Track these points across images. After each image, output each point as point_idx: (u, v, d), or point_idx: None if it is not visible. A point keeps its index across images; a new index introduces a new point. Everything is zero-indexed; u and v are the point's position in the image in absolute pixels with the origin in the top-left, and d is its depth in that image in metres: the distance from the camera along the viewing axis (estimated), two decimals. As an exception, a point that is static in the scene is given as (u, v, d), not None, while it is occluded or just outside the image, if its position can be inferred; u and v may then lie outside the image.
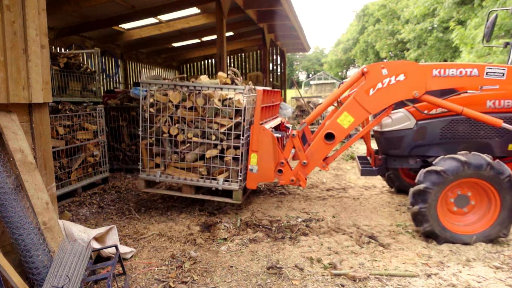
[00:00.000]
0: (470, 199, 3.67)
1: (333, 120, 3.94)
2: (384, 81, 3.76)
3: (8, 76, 2.71)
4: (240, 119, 4.31)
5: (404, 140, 4.16)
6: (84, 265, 2.63)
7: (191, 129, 4.43)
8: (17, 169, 2.69)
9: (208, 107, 4.34)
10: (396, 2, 31.73)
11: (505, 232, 3.56)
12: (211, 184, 4.44)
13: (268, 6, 10.51)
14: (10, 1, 2.72)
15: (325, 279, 3.03)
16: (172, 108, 4.47)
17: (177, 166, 4.55)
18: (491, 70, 3.69)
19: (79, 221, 4.47)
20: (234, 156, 4.38)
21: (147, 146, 4.58)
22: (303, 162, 4.09)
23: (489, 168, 3.44)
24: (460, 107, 3.75)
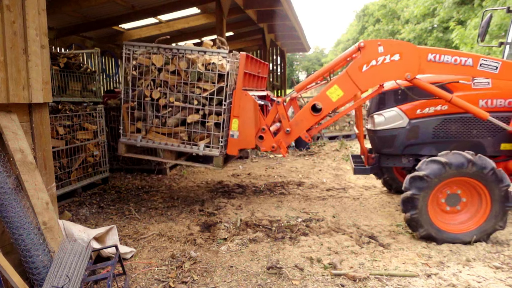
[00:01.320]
0: (461, 197, 3.69)
1: (323, 91, 3.93)
2: (378, 59, 3.76)
3: (8, 76, 2.71)
4: (223, 84, 4.24)
5: (397, 139, 4.18)
6: (84, 265, 2.63)
7: (173, 93, 4.37)
8: (17, 169, 2.69)
9: (191, 70, 4.28)
10: (396, 2, 31.72)
11: (501, 224, 3.57)
12: (192, 150, 4.39)
13: (268, 6, 10.50)
14: (10, 1, 2.72)
15: (325, 279, 3.03)
16: (155, 71, 4.40)
17: (159, 131, 4.49)
18: (485, 62, 3.69)
19: (79, 221, 4.47)
20: (216, 122, 4.32)
21: (128, 109, 4.50)
22: (286, 130, 4.07)
23: (471, 165, 3.46)
24: (449, 95, 3.76)
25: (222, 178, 6.78)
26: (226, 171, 7.41)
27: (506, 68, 3.69)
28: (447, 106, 4.01)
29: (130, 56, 4.45)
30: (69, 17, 9.36)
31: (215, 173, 7.24)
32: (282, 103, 4.11)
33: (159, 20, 11.34)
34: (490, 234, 3.60)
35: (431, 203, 3.62)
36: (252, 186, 6.13)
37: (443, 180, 3.54)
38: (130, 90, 4.47)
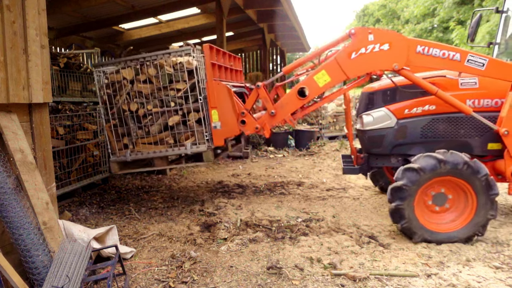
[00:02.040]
0: (448, 197, 3.70)
1: (310, 76, 3.94)
2: (368, 47, 3.76)
3: (8, 76, 2.71)
4: (195, 80, 4.28)
5: (385, 139, 4.19)
6: (84, 265, 2.63)
7: (149, 101, 4.42)
8: (17, 169, 2.69)
9: (161, 75, 4.32)
10: (396, 2, 31.73)
11: (481, 231, 3.60)
12: (180, 151, 4.42)
13: (268, 6, 10.50)
14: (10, 1, 2.72)
15: (325, 279, 3.03)
16: (127, 85, 4.45)
17: (145, 142, 4.53)
18: (473, 58, 3.69)
19: (79, 221, 4.47)
20: (198, 120, 4.36)
21: (111, 128, 4.54)
22: (271, 112, 4.07)
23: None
24: (435, 88, 3.77)
25: (222, 178, 6.79)
26: (226, 171, 7.41)
27: (493, 65, 3.69)
28: (434, 106, 4.03)
29: (101, 77, 4.55)
30: (69, 17, 9.36)
31: (215, 173, 7.24)
32: (262, 86, 4.10)
33: (159, 20, 11.34)
34: (469, 239, 3.62)
35: (419, 197, 3.63)
36: (252, 186, 6.13)
37: (436, 177, 3.56)
38: (108, 109, 4.54)
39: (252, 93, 4.21)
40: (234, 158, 8.77)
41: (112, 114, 4.53)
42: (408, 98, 4.13)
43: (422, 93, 4.07)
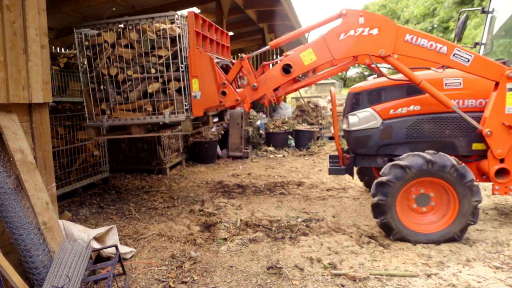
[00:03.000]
0: (431, 199, 3.70)
1: (296, 53, 3.91)
2: (357, 30, 3.73)
3: (8, 76, 2.71)
4: (177, 48, 4.20)
5: (371, 139, 4.19)
6: (84, 265, 2.63)
7: (130, 66, 4.34)
8: (17, 169, 2.69)
9: (143, 40, 4.26)
10: (396, 2, 31.73)
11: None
12: (158, 119, 4.36)
13: (268, 6, 10.51)
14: (10, 1, 2.72)
15: (325, 279, 3.03)
16: (108, 48, 4.37)
17: (123, 108, 4.46)
18: (459, 53, 3.68)
19: (79, 221, 4.47)
20: (178, 89, 4.30)
21: (89, 92, 4.47)
22: (253, 85, 4.01)
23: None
24: (419, 78, 3.77)
25: (222, 178, 6.79)
26: (226, 171, 7.41)
27: (478, 62, 3.68)
28: (419, 106, 4.03)
29: (82, 39, 4.44)
30: (69, 17, 9.36)
31: (215, 173, 7.24)
32: (246, 59, 4.05)
33: (159, 20, 11.34)
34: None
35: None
36: (252, 186, 6.13)
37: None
38: (88, 72, 4.45)
39: (235, 65, 4.12)
40: (234, 158, 8.77)
41: (91, 78, 4.45)
42: (393, 98, 4.14)
43: (407, 93, 4.09)
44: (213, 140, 8.21)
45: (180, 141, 7.85)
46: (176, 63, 4.22)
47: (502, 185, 3.78)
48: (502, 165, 3.73)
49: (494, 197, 5.20)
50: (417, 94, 4.05)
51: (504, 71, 3.63)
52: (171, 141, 7.37)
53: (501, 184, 3.77)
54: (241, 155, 8.78)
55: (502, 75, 3.64)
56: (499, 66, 3.70)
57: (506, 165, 3.72)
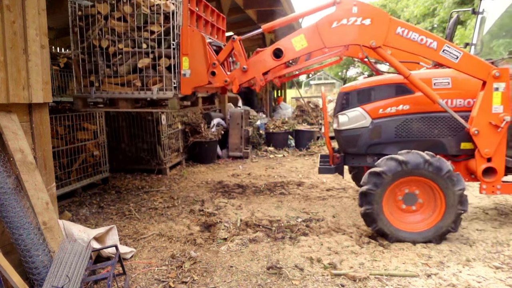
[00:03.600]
0: (418, 197, 3.72)
1: (288, 37, 3.91)
2: (350, 19, 3.73)
3: (8, 76, 2.71)
4: (170, 25, 4.20)
5: (360, 139, 4.20)
6: (84, 265, 2.63)
7: (121, 39, 4.35)
8: (17, 169, 2.69)
9: (137, 14, 4.26)
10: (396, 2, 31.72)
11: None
12: (146, 95, 4.36)
13: (268, 6, 10.51)
14: (10, 1, 2.72)
15: (325, 279, 3.03)
16: (101, 20, 4.38)
17: (112, 81, 4.46)
18: (449, 49, 3.69)
19: (79, 221, 4.47)
20: (168, 67, 4.30)
21: (79, 62, 4.47)
22: (243, 68, 3.99)
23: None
24: (408, 71, 3.78)
25: (222, 178, 6.79)
26: (226, 171, 7.41)
27: (466, 60, 3.69)
28: (408, 106, 4.04)
29: (75, 9, 4.45)
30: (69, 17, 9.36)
31: (215, 173, 7.24)
32: (238, 40, 4.05)
33: (159, 20, 11.33)
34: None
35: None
36: (252, 186, 6.13)
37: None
38: (79, 43, 4.45)
39: (227, 46, 4.11)
40: (234, 158, 8.77)
41: (81, 49, 4.45)
42: (383, 98, 4.15)
43: (396, 93, 4.11)
44: (213, 140, 8.21)
45: (180, 141, 7.85)
46: (168, 40, 4.22)
47: (489, 184, 3.80)
48: (490, 164, 3.75)
49: (494, 197, 5.20)
50: (406, 93, 4.07)
51: (491, 71, 3.65)
52: (171, 141, 7.37)
53: (488, 183, 3.79)
54: (241, 155, 8.78)
55: (489, 75, 3.66)
56: (486, 65, 3.72)
57: (493, 164, 3.74)
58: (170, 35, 4.19)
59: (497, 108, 3.66)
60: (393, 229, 3.66)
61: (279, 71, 4.27)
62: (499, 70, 3.64)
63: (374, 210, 3.61)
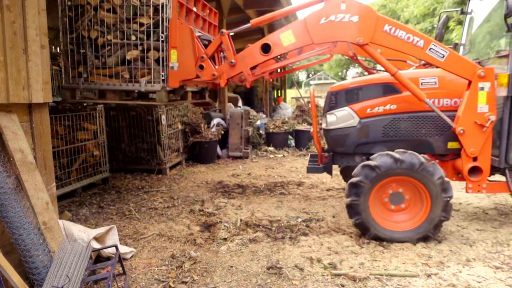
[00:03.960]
0: (404, 197, 3.74)
1: (277, 32, 3.92)
2: (338, 16, 3.75)
3: (8, 76, 2.71)
4: (159, 17, 4.23)
5: (348, 138, 4.21)
6: (84, 265, 2.63)
7: (110, 31, 4.37)
8: (17, 169, 2.69)
9: (126, 5, 4.28)
10: (396, 2, 31.71)
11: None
12: (134, 87, 4.39)
13: (268, 6, 10.50)
14: (10, 1, 2.72)
15: (325, 279, 3.03)
16: (91, 10, 4.40)
17: (100, 73, 4.48)
18: (435, 48, 3.70)
19: (79, 221, 4.47)
20: (157, 59, 4.32)
21: (67, 53, 4.48)
22: (230, 62, 4.01)
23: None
24: (394, 68, 3.80)
25: (222, 178, 6.79)
26: (226, 171, 7.41)
27: (452, 59, 3.70)
28: (396, 105, 4.05)
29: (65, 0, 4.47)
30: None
31: (215, 173, 7.24)
32: (226, 34, 4.05)
33: (159, 20, 11.33)
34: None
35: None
36: (252, 186, 6.13)
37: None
38: (68, 33, 4.46)
39: (215, 40, 4.12)
40: (234, 158, 8.77)
41: (70, 39, 4.46)
42: (370, 97, 4.16)
43: (384, 92, 4.12)
44: (213, 140, 8.21)
45: (180, 141, 7.85)
46: (158, 32, 4.24)
47: (475, 183, 3.82)
48: (475, 163, 3.76)
49: (494, 197, 5.20)
50: (393, 93, 4.09)
51: (476, 70, 3.66)
52: (171, 141, 7.37)
53: (474, 182, 3.81)
54: (241, 155, 8.78)
55: (474, 74, 3.67)
56: (472, 65, 3.73)
57: (479, 163, 3.76)
58: (159, 28, 4.21)
59: (483, 107, 3.68)
60: (377, 226, 3.68)
61: (268, 66, 4.26)
62: (484, 69, 3.66)
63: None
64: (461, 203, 5.04)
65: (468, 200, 5.14)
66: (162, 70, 4.27)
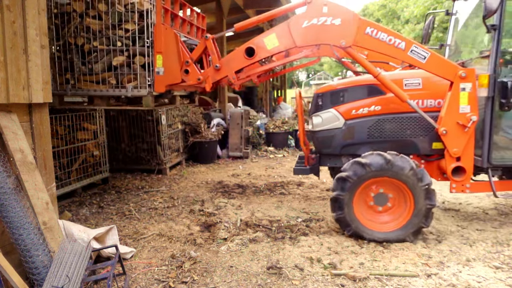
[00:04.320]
0: (389, 199, 3.76)
1: (260, 36, 3.95)
2: (320, 19, 3.76)
3: (8, 76, 2.71)
4: (144, 23, 4.27)
5: (334, 139, 4.24)
6: (84, 265, 2.63)
7: (96, 37, 4.44)
8: (17, 169, 2.69)
9: (111, 12, 4.34)
10: (396, 2, 31.71)
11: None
12: (121, 93, 4.46)
13: (268, 6, 10.50)
14: (10, 1, 2.72)
15: (325, 279, 3.03)
16: (77, 18, 4.46)
17: (87, 79, 4.54)
18: (416, 49, 3.72)
19: (79, 221, 4.47)
20: (143, 65, 4.37)
21: (55, 60, 4.53)
22: (215, 66, 4.03)
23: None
24: (377, 70, 3.83)
25: (222, 178, 6.79)
26: (226, 171, 7.41)
27: (433, 60, 3.72)
28: (380, 106, 4.07)
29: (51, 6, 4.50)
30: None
31: (215, 173, 7.24)
32: (211, 38, 4.07)
33: (159, 20, 11.34)
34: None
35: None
36: (252, 186, 6.14)
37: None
38: (55, 40, 4.52)
39: (199, 44, 4.14)
40: (234, 158, 8.77)
41: (57, 46, 4.52)
42: (355, 99, 4.18)
43: (368, 94, 4.14)
44: (213, 140, 8.21)
45: (180, 141, 7.85)
46: (143, 38, 4.29)
47: (459, 183, 3.85)
48: (459, 163, 3.78)
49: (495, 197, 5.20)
50: (378, 94, 4.10)
51: (457, 71, 3.68)
52: (171, 141, 7.37)
53: (458, 182, 3.84)
54: (241, 155, 8.78)
55: (455, 75, 3.68)
56: (453, 66, 3.75)
57: (462, 163, 3.77)
58: (145, 33, 4.26)
59: (464, 108, 3.70)
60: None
61: (253, 70, 4.27)
62: (465, 70, 3.68)
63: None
64: (461, 203, 5.05)
65: (468, 200, 5.14)
66: (148, 75, 4.32)
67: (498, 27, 3.62)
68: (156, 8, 4.15)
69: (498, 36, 3.64)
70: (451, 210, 4.77)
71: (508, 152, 3.87)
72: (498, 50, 3.65)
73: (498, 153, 3.84)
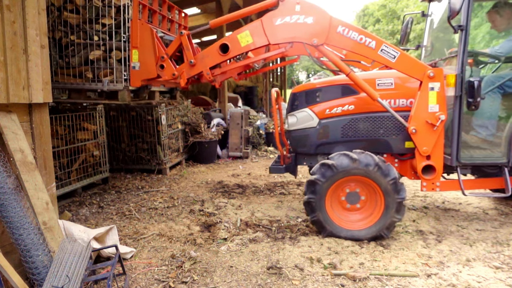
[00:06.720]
0: (360, 197, 3.79)
1: (234, 33, 3.95)
2: (293, 17, 3.78)
3: (8, 76, 2.71)
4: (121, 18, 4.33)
5: (309, 139, 4.26)
6: (84, 265, 2.63)
7: (74, 31, 4.50)
8: (17, 169, 2.69)
9: (89, 6, 4.38)
10: (396, 2, 31.73)
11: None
12: (97, 87, 4.50)
13: (267, 6, 10.51)
14: (10, 1, 2.72)
15: (325, 279, 3.03)
16: (54, 11, 4.51)
17: (64, 72, 4.61)
18: (386, 49, 3.74)
19: (79, 221, 4.47)
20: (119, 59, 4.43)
21: None
22: (190, 61, 4.04)
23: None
24: (348, 69, 3.86)
25: (222, 178, 6.79)
26: (226, 171, 7.41)
27: (403, 60, 3.74)
28: (353, 106, 4.10)
29: None
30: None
31: (215, 173, 7.24)
32: (186, 34, 4.09)
33: (159, 20, 11.34)
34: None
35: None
36: (252, 186, 6.14)
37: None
38: None
39: (175, 40, 4.16)
40: (234, 158, 8.77)
41: None
42: (329, 98, 4.20)
43: (342, 93, 4.16)
44: (213, 140, 8.21)
45: (180, 141, 7.85)
46: (120, 33, 4.34)
47: (429, 182, 3.88)
48: (429, 162, 3.80)
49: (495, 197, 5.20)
50: (351, 94, 4.13)
51: (426, 71, 3.70)
52: (171, 141, 7.37)
53: (428, 180, 3.86)
54: (241, 155, 8.78)
55: (424, 75, 3.71)
56: (422, 65, 3.77)
57: (432, 162, 3.79)
58: (121, 28, 4.32)
59: (433, 107, 3.72)
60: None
61: (227, 66, 4.31)
62: (434, 70, 3.70)
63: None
64: (461, 203, 5.05)
65: (468, 200, 5.14)
66: (124, 70, 4.37)
67: (464, 27, 3.64)
68: (133, 3, 4.18)
69: (465, 36, 3.65)
70: (451, 210, 4.77)
71: (476, 151, 3.92)
72: (465, 50, 3.67)
73: (467, 152, 3.89)
